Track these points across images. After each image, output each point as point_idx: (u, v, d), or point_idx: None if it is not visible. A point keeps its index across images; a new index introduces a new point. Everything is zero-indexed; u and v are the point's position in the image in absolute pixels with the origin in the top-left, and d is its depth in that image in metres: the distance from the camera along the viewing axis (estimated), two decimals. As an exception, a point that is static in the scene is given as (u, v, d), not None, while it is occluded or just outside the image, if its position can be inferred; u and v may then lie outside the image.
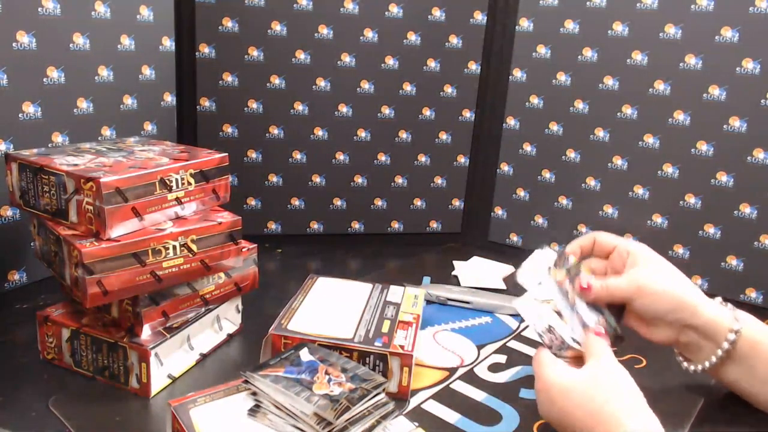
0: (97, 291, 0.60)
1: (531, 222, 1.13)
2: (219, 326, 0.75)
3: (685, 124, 0.97)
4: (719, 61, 0.93)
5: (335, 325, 0.70)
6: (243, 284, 0.77)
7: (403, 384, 0.66)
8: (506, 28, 1.10)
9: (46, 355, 0.70)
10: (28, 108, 0.82)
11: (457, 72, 1.12)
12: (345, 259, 1.10)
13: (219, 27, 1.02)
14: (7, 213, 0.83)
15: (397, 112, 1.12)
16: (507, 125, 1.13)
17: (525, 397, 0.68)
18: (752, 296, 0.95)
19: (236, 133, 1.07)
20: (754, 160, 0.92)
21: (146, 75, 0.98)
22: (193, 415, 0.54)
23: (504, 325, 0.85)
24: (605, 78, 1.02)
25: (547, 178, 1.11)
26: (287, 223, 1.13)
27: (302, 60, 1.05)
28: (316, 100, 1.08)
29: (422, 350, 0.76)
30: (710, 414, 0.68)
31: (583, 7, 1.02)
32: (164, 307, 0.67)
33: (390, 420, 0.56)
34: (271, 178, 1.10)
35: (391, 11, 1.06)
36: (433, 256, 1.11)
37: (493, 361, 0.75)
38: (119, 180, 0.62)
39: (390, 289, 0.81)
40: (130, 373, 0.64)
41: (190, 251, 0.67)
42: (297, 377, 0.57)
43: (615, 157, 1.03)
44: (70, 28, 0.85)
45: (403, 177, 1.15)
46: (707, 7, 0.92)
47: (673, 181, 0.99)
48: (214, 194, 0.73)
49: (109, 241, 0.61)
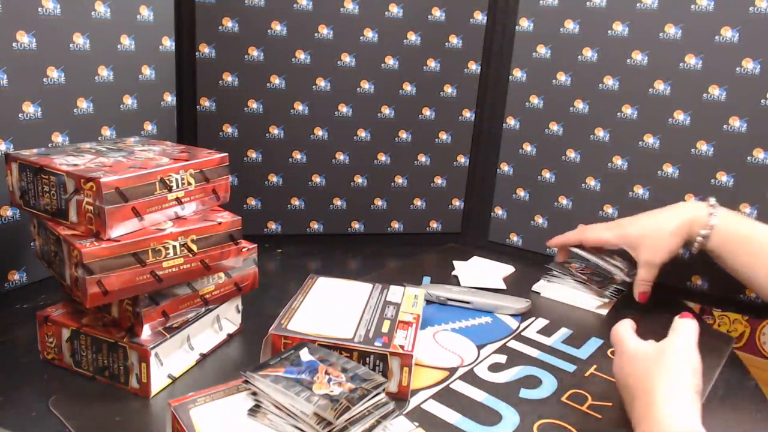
0: (97, 291, 0.60)
1: (531, 222, 1.13)
2: (219, 326, 0.75)
3: (685, 124, 0.97)
4: (719, 61, 0.93)
5: (335, 325, 0.70)
6: (243, 284, 0.77)
7: (403, 384, 0.66)
8: (506, 28, 1.10)
9: (46, 355, 0.70)
10: (28, 108, 0.82)
11: (457, 72, 1.12)
12: (345, 259, 1.10)
13: (219, 27, 1.02)
14: (7, 213, 0.83)
15: (397, 112, 1.12)
16: (507, 125, 1.13)
17: (525, 397, 0.68)
18: (752, 296, 0.95)
19: (236, 133, 1.07)
20: (754, 160, 0.92)
21: (146, 75, 0.98)
22: (193, 415, 0.54)
23: (504, 325, 0.85)
24: (605, 78, 1.02)
25: (547, 178, 1.11)
26: (287, 223, 1.13)
27: (302, 60, 1.05)
28: (316, 100, 1.08)
29: (422, 350, 0.76)
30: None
31: (583, 7, 1.02)
32: (164, 307, 0.67)
33: (390, 420, 0.56)
34: (271, 178, 1.10)
35: (391, 11, 1.06)
36: (433, 256, 1.11)
37: (493, 361, 0.75)
38: (119, 180, 0.62)
39: (390, 289, 0.81)
40: (130, 373, 0.64)
41: (190, 251, 0.67)
42: (297, 377, 0.57)
43: (615, 157, 1.03)
44: (70, 28, 0.85)
45: (403, 177, 1.15)
46: (707, 7, 0.92)
47: (673, 181, 0.99)
48: (214, 194, 0.73)
49: (109, 241, 0.61)
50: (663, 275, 0.88)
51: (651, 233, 0.85)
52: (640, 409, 0.57)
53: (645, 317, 0.83)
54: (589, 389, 0.70)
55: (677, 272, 0.99)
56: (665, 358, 0.60)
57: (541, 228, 1.12)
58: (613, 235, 0.89)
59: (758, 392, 0.74)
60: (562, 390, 0.70)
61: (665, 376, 0.58)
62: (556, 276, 0.97)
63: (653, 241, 0.85)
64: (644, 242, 0.85)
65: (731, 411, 0.69)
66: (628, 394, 0.61)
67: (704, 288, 0.99)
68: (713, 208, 0.82)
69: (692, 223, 0.82)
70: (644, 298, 0.89)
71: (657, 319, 0.87)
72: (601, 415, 0.65)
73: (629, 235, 0.87)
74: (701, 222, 0.82)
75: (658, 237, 0.84)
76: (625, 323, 0.68)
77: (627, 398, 0.62)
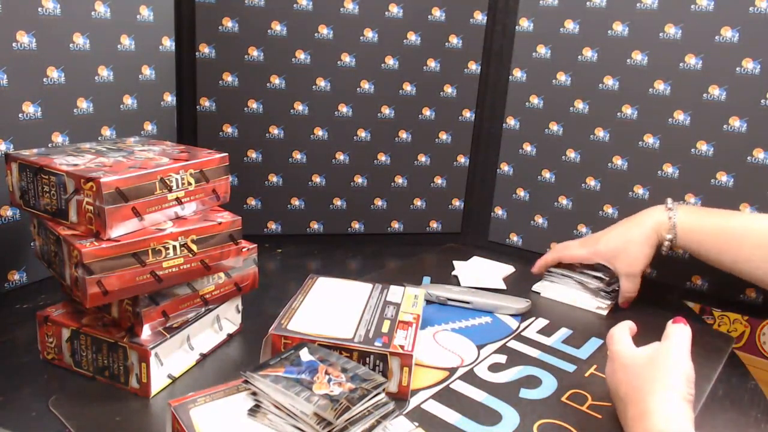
0: (97, 291, 0.60)
1: (531, 222, 1.13)
2: (219, 326, 0.75)
3: (685, 124, 0.97)
4: (719, 61, 0.92)
5: (335, 325, 0.70)
6: (243, 284, 0.77)
7: (403, 384, 0.66)
8: (506, 28, 1.10)
9: (46, 355, 0.70)
10: (28, 108, 0.82)
11: (457, 72, 1.12)
12: (345, 259, 1.10)
13: (219, 27, 1.02)
14: (7, 213, 0.83)
15: (397, 112, 1.12)
16: (507, 125, 1.13)
17: (525, 397, 0.68)
18: (752, 296, 0.95)
19: (236, 133, 1.07)
20: (754, 160, 0.92)
21: (146, 75, 0.98)
22: (193, 415, 0.54)
23: (504, 325, 0.85)
24: (605, 78, 1.02)
25: (547, 178, 1.11)
26: (287, 223, 1.13)
27: (302, 60, 1.05)
28: (316, 100, 1.08)
29: (422, 350, 0.76)
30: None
31: (583, 7, 1.02)
32: (164, 307, 0.67)
33: (390, 420, 0.56)
34: (271, 178, 1.10)
35: (391, 11, 1.06)
36: (433, 256, 1.11)
37: (493, 361, 0.75)
38: (119, 180, 0.62)
39: (390, 289, 0.81)
40: (130, 373, 0.64)
41: (190, 251, 0.67)
42: (297, 377, 0.57)
43: (615, 157, 1.03)
44: (70, 28, 0.85)
45: (403, 177, 1.15)
46: (707, 7, 0.92)
47: (673, 181, 0.99)
48: (214, 194, 0.73)
49: (109, 241, 0.61)
50: (663, 275, 0.88)
51: (622, 246, 0.88)
52: (633, 418, 0.57)
53: (645, 317, 0.83)
54: (589, 389, 0.70)
55: (677, 272, 0.99)
56: (657, 367, 0.59)
57: (541, 228, 1.12)
58: (588, 252, 0.92)
59: (758, 392, 0.74)
60: (562, 390, 0.70)
61: (657, 385, 0.57)
62: (556, 276, 0.97)
63: (626, 254, 0.87)
64: (618, 256, 0.88)
65: (731, 411, 0.69)
66: (621, 402, 0.61)
67: (704, 288, 0.99)
68: (671, 210, 0.85)
69: (658, 228, 0.85)
70: (627, 304, 0.91)
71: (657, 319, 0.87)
72: (601, 415, 0.65)
73: (602, 252, 0.90)
74: (665, 225, 0.85)
75: (630, 249, 0.87)
76: (623, 326, 0.68)
77: (619, 406, 0.62)
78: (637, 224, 0.88)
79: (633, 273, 0.88)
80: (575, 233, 1.08)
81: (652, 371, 0.59)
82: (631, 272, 0.88)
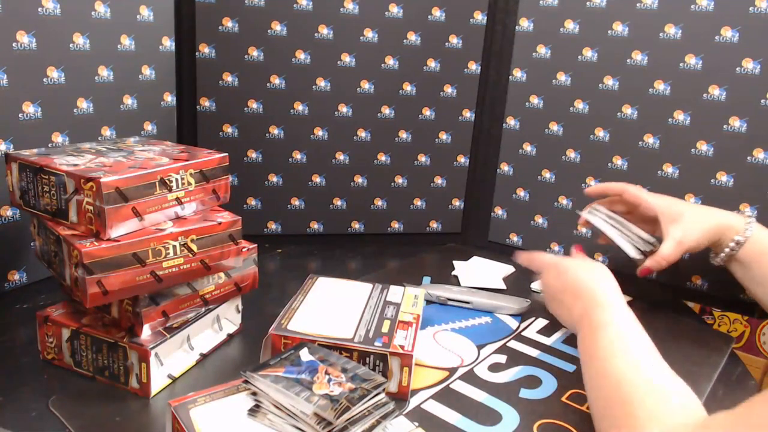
0: (97, 291, 0.60)
1: (531, 222, 1.13)
2: (219, 326, 0.75)
3: (685, 124, 0.97)
4: (719, 61, 0.92)
5: (335, 325, 0.70)
6: (243, 284, 0.77)
7: (403, 384, 0.66)
8: (506, 28, 1.10)
9: (46, 355, 0.70)
10: (28, 108, 0.82)
11: (457, 72, 1.12)
12: (345, 259, 1.10)
13: (219, 27, 1.02)
14: (7, 213, 0.83)
15: (397, 112, 1.12)
16: (507, 125, 1.13)
17: (525, 397, 0.68)
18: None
19: (236, 133, 1.07)
20: (754, 160, 0.92)
21: (146, 75, 0.98)
22: (193, 415, 0.54)
23: (504, 325, 0.85)
24: (605, 78, 1.02)
25: (547, 178, 1.11)
26: (287, 223, 1.13)
27: (302, 60, 1.05)
28: (316, 100, 1.08)
29: (422, 350, 0.76)
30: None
31: (583, 7, 1.02)
32: (164, 307, 0.67)
33: (390, 420, 0.56)
34: (271, 178, 1.10)
35: (391, 11, 1.06)
36: (433, 256, 1.11)
37: (493, 361, 0.75)
38: (119, 180, 0.62)
39: (390, 289, 0.81)
40: (130, 373, 0.64)
41: (190, 251, 0.67)
42: (297, 377, 0.57)
43: (615, 157, 1.03)
44: (70, 28, 0.85)
45: (403, 177, 1.15)
46: (707, 7, 0.92)
47: (673, 181, 0.99)
48: (214, 194, 0.73)
49: (109, 241, 0.61)
50: (663, 275, 0.88)
51: (693, 216, 0.83)
52: (582, 307, 0.70)
53: (645, 317, 0.83)
54: (589, 389, 0.70)
55: (677, 272, 0.99)
56: (591, 267, 0.75)
57: (541, 228, 1.12)
58: (654, 201, 0.86)
59: (758, 392, 0.73)
60: (562, 390, 0.70)
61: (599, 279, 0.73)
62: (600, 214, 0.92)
63: (691, 224, 0.83)
64: (683, 219, 0.83)
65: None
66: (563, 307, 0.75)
67: (704, 288, 0.99)
68: (750, 218, 0.82)
69: (727, 229, 0.82)
70: (646, 272, 0.85)
71: (657, 320, 0.87)
72: (601, 415, 0.65)
73: (672, 206, 0.85)
74: (737, 229, 0.82)
75: (698, 222, 0.83)
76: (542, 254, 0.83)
77: (562, 310, 0.76)
78: (712, 213, 0.84)
79: (683, 242, 0.82)
80: (575, 233, 1.08)
81: (589, 273, 0.74)
82: (682, 240, 0.82)
